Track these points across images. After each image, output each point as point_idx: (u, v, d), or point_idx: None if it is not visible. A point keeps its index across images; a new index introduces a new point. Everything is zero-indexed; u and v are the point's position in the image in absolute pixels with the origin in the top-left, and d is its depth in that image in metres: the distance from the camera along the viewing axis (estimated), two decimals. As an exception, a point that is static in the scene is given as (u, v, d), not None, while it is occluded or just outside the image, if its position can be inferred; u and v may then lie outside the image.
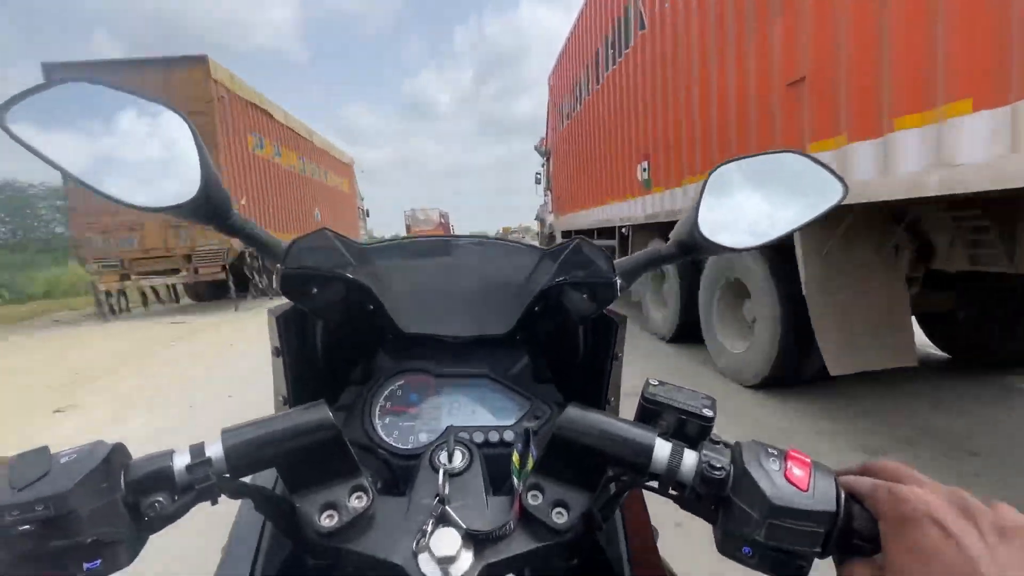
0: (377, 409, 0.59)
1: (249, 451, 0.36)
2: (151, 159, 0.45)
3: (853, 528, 0.32)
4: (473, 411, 0.60)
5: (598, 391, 0.62)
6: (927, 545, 0.28)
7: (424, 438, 0.57)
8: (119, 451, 0.34)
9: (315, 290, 0.53)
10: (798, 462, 0.34)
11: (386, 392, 0.61)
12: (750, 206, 0.54)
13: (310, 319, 0.62)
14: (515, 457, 0.46)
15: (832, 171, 0.53)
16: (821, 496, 0.33)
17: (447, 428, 0.56)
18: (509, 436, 0.57)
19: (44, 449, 0.32)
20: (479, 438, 0.56)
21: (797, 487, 0.33)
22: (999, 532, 0.28)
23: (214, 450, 0.35)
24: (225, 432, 0.36)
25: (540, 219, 13.58)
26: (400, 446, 0.56)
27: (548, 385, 0.67)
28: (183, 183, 0.44)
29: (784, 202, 0.54)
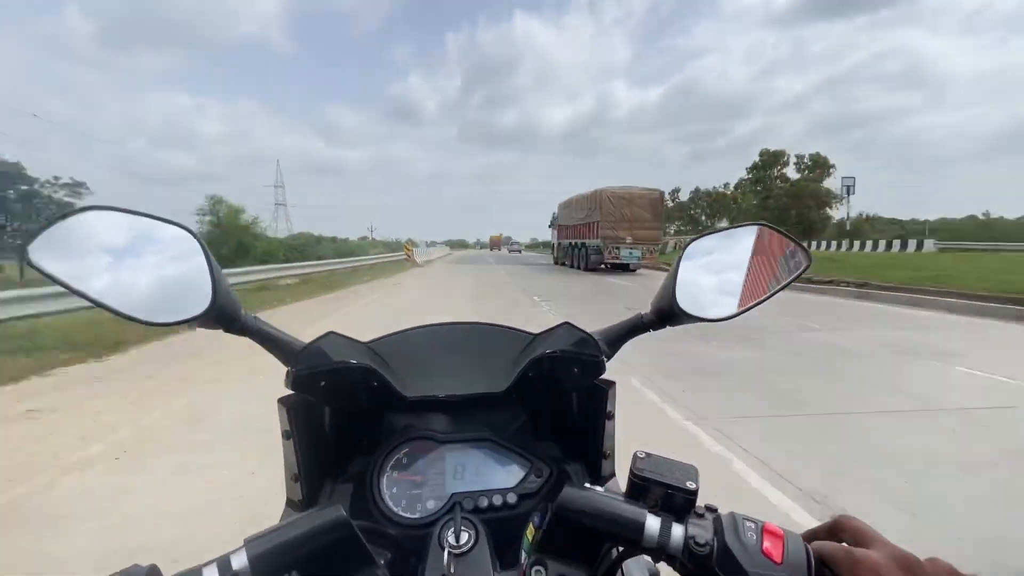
0: (384, 479, 0.62)
1: (272, 559, 0.38)
2: (165, 277, 0.48)
3: None
4: (476, 474, 0.63)
5: (595, 447, 0.65)
6: None
7: (431, 505, 0.59)
8: (154, 573, 0.36)
9: (323, 383, 0.56)
10: (772, 536, 0.38)
11: (392, 461, 0.63)
12: (723, 277, 0.58)
13: (318, 404, 0.65)
14: (529, 531, 0.48)
15: (798, 242, 0.58)
16: (793, 566, 0.36)
17: (451, 496, 0.59)
18: (512, 499, 0.59)
19: None
20: (483, 503, 0.59)
21: (772, 560, 0.36)
22: None
23: (239, 562, 0.37)
24: (248, 542, 0.39)
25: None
26: (408, 515, 0.59)
27: (547, 442, 0.70)
28: (196, 296, 0.48)
29: (754, 272, 0.58)
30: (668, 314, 0.58)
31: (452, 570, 0.43)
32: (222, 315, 0.50)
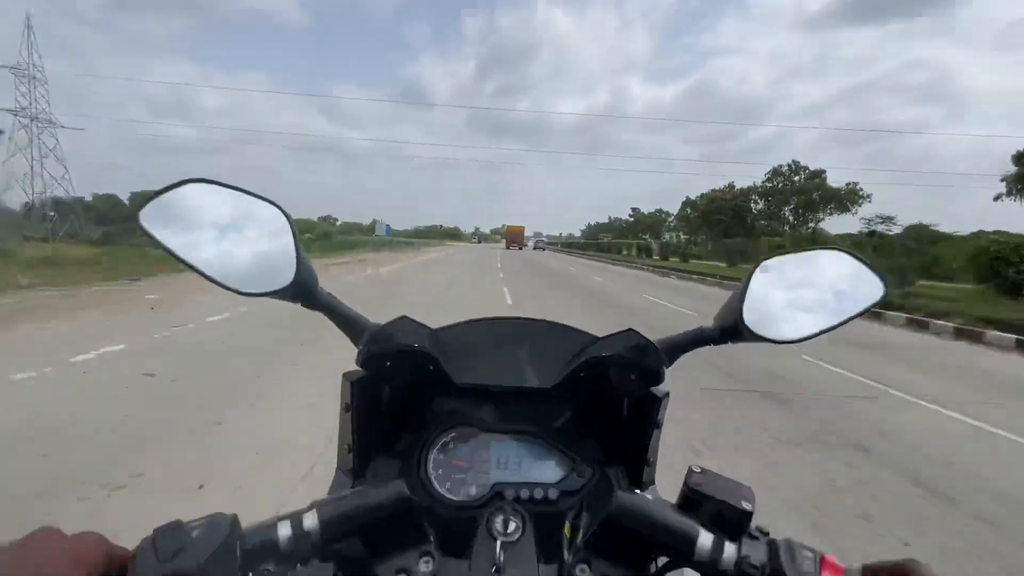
0: (432, 460, 0.63)
1: (340, 523, 0.41)
2: (254, 249, 0.51)
3: None
4: (519, 466, 0.64)
5: (639, 453, 0.65)
6: None
7: (474, 491, 0.61)
8: (236, 522, 0.39)
9: (389, 364, 0.59)
10: (831, 569, 0.37)
11: (439, 444, 0.65)
12: (792, 300, 0.57)
13: (379, 381, 0.67)
14: (567, 528, 0.49)
15: (874, 269, 0.56)
16: None
17: (494, 484, 0.60)
18: (553, 494, 0.60)
19: (179, 523, 0.37)
20: (525, 494, 0.60)
21: None
22: None
23: (311, 522, 0.40)
24: (319, 505, 0.41)
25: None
26: (452, 497, 0.60)
27: (590, 441, 0.70)
28: (281, 269, 0.51)
29: (825, 298, 0.57)
30: (732, 331, 0.58)
31: (502, 559, 0.44)
32: (301, 290, 0.53)
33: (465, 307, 9.07)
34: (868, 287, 0.56)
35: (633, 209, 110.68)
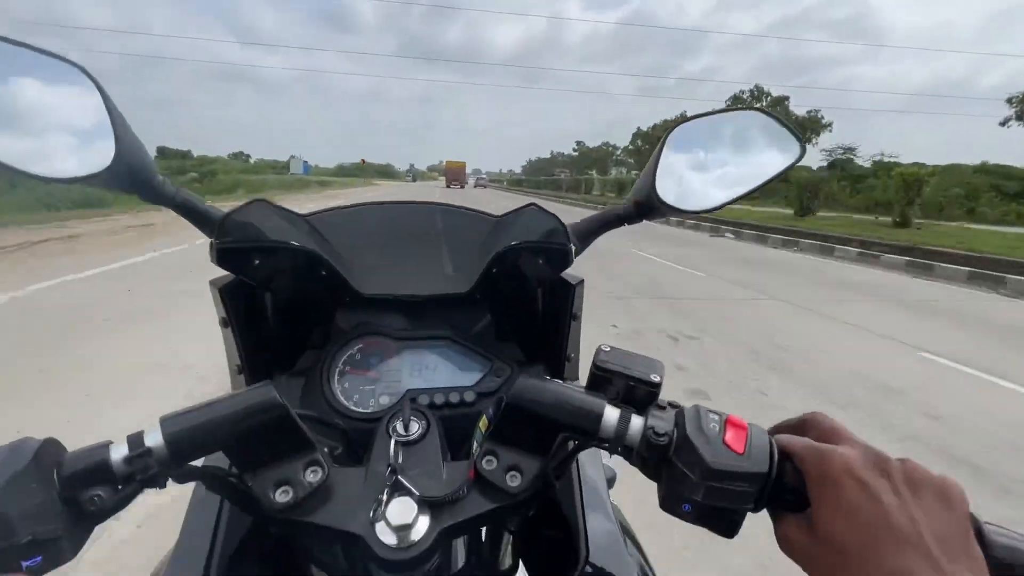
0: (336, 373, 0.59)
1: (192, 437, 0.35)
2: (60, 125, 0.41)
3: (785, 486, 0.35)
4: (434, 372, 0.61)
5: (559, 348, 0.63)
6: (847, 500, 0.31)
7: (385, 401, 0.57)
8: (50, 446, 0.33)
9: (256, 262, 0.50)
10: (735, 426, 0.36)
11: (344, 356, 0.60)
12: (708, 166, 0.54)
13: (256, 287, 0.59)
14: (482, 422, 0.46)
15: (791, 129, 0.53)
16: (756, 458, 0.34)
17: (407, 392, 0.56)
18: (470, 397, 0.58)
19: None
20: (439, 399, 0.57)
21: (733, 450, 0.35)
22: (909, 485, 0.30)
23: (153, 438, 0.34)
24: (164, 419, 0.35)
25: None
26: (360, 410, 0.56)
27: (510, 344, 0.68)
28: (97, 150, 0.40)
29: (741, 161, 0.54)
30: (647, 207, 0.54)
31: (399, 460, 0.41)
32: (130, 175, 0.43)
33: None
34: (786, 147, 0.53)
35: (577, 143, 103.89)
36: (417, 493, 0.38)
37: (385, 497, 0.37)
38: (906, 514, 0.29)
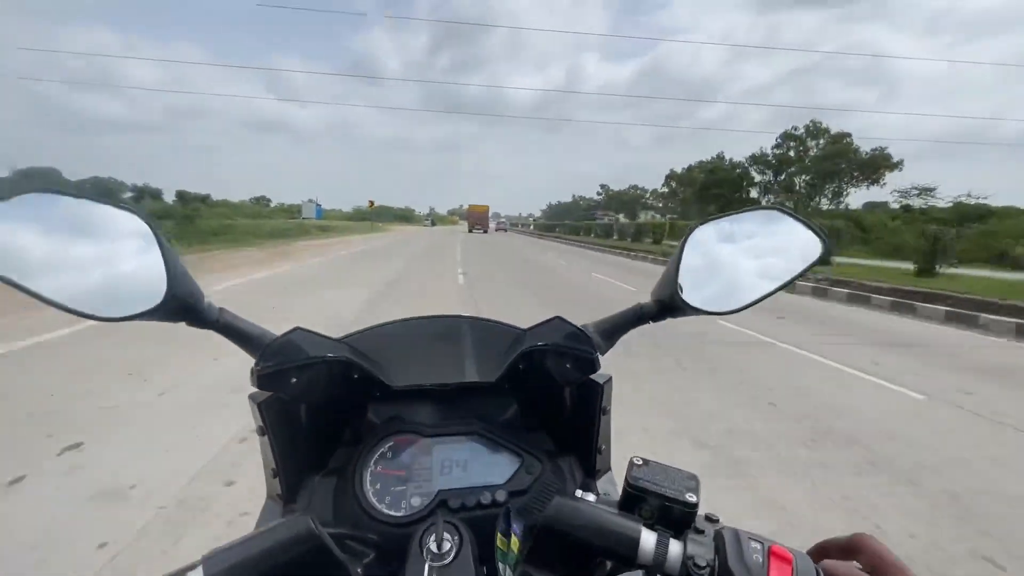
0: (368, 474, 0.59)
1: (234, 575, 0.36)
2: (115, 267, 0.44)
3: None
4: (464, 470, 0.60)
5: (589, 441, 0.62)
6: None
7: (417, 502, 0.57)
8: None
9: (294, 380, 0.53)
10: (780, 559, 0.35)
11: (376, 455, 0.61)
12: (729, 266, 0.54)
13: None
14: (499, 541, 0.46)
15: (812, 226, 0.53)
16: None
17: (438, 493, 0.56)
18: (501, 496, 0.57)
19: None
20: (471, 501, 0.56)
21: None
22: None
23: None
24: (207, 558, 0.36)
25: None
26: (392, 512, 0.56)
27: (539, 433, 0.67)
28: (150, 286, 0.44)
29: (763, 261, 0.54)
30: (669, 305, 0.55)
31: None
32: (180, 305, 0.46)
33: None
34: (807, 245, 0.53)
35: (602, 186, 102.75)
36: None
37: None
38: None
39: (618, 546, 0.38)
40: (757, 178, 45.36)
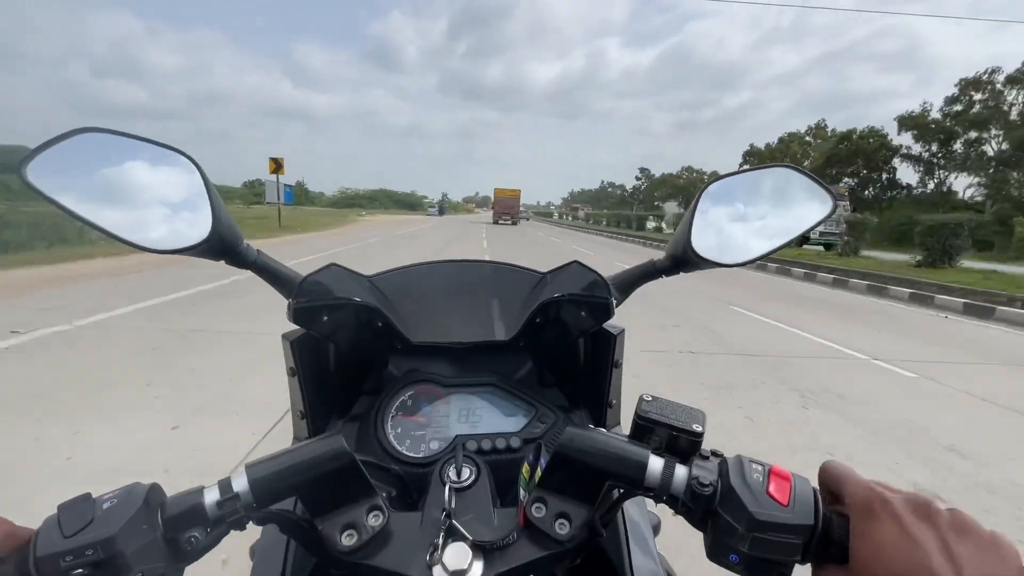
0: (389, 419, 0.62)
1: (272, 483, 0.38)
2: (164, 203, 0.47)
3: (829, 538, 0.35)
4: (481, 418, 0.63)
5: (600, 395, 0.64)
6: (887, 540, 0.31)
7: (435, 446, 0.60)
8: (155, 491, 0.37)
9: (325, 318, 0.56)
10: (779, 477, 0.37)
11: (397, 403, 0.64)
12: (740, 221, 0.56)
13: (322, 340, 0.65)
14: (525, 469, 0.48)
15: (823, 184, 0.55)
16: (800, 510, 0.35)
17: (455, 437, 0.59)
18: (515, 443, 0.60)
19: (87, 496, 0.35)
20: (487, 445, 0.59)
21: (778, 502, 0.35)
22: (956, 535, 0.30)
23: (240, 484, 0.38)
24: (249, 466, 0.39)
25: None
26: (412, 454, 0.59)
27: (552, 389, 0.70)
28: (195, 224, 0.47)
29: (774, 216, 0.56)
30: (682, 259, 0.57)
31: (453, 504, 0.43)
32: (222, 245, 0.49)
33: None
34: (817, 203, 0.55)
35: (641, 170, 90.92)
36: (471, 538, 0.39)
37: (440, 542, 0.39)
38: (948, 563, 0.28)
39: (627, 470, 0.40)
40: (916, 148, 33.49)
